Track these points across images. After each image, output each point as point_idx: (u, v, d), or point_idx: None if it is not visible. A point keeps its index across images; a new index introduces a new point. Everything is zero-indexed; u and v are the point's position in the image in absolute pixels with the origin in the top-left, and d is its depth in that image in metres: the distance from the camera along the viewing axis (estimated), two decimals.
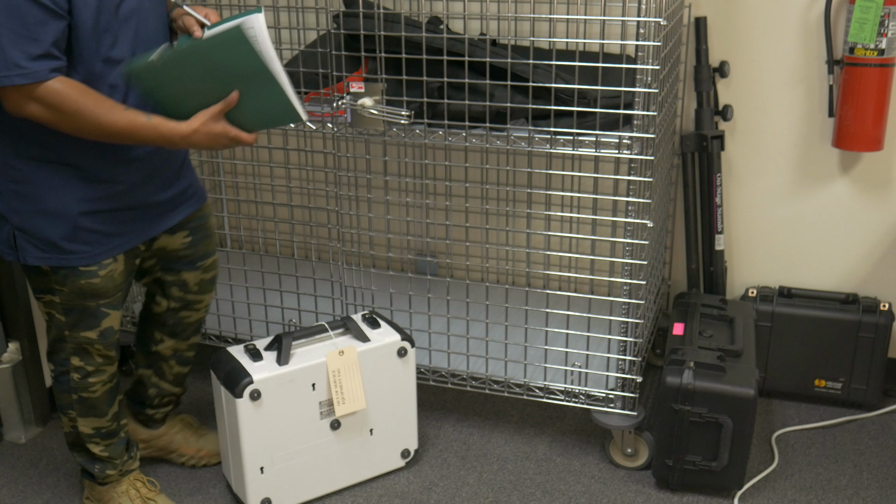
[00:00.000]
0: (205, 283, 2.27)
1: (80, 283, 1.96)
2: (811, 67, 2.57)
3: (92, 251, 1.95)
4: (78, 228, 1.92)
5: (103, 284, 1.99)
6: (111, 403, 2.16)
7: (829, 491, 2.35)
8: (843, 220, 2.68)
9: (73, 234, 1.92)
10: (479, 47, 2.24)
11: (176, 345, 2.32)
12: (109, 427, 2.18)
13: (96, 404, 2.13)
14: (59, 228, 1.91)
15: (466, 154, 2.80)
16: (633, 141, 2.12)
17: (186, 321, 2.30)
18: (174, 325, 2.29)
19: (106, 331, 2.05)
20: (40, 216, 1.90)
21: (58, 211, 1.90)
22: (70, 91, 1.73)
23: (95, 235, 1.95)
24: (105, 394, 2.13)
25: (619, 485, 2.38)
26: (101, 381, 2.11)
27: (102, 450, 2.19)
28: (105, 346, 2.07)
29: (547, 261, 2.90)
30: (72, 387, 2.10)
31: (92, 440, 2.17)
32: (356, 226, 3.05)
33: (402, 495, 2.35)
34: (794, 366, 2.68)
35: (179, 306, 2.26)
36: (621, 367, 2.34)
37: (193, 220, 2.18)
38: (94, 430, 2.16)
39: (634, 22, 2.03)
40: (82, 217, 1.91)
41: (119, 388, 2.19)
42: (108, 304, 2.02)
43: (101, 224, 1.95)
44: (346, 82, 2.29)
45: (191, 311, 2.28)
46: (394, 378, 2.32)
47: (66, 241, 1.92)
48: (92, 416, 2.14)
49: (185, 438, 2.46)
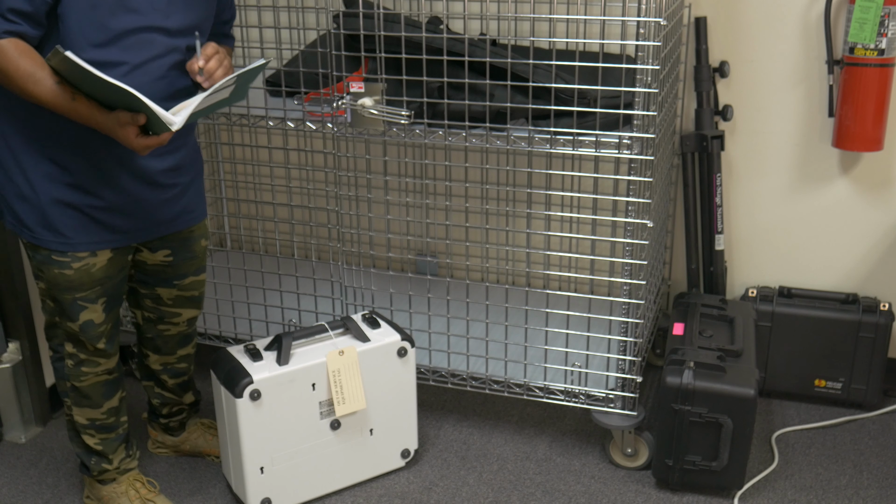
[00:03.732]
0: (182, 300, 2.23)
1: (53, 271, 1.96)
2: (811, 67, 2.57)
3: (62, 241, 1.94)
4: (46, 216, 1.92)
5: (77, 277, 1.97)
6: (107, 396, 2.16)
7: (829, 491, 2.35)
8: (843, 220, 2.68)
9: (43, 221, 1.92)
10: (479, 47, 2.24)
11: (163, 359, 2.32)
12: (105, 420, 2.17)
13: (89, 394, 2.13)
14: (30, 212, 1.92)
15: (466, 154, 2.80)
16: (633, 141, 2.12)
17: (166, 334, 2.28)
18: (154, 338, 2.28)
19: (85, 324, 2.03)
20: (15, 197, 1.92)
21: (28, 195, 1.91)
22: (11, 53, 1.72)
23: (67, 227, 1.93)
24: (98, 385, 2.13)
25: (619, 485, 2.38)
26: (95, 373, 2.11)
27: (97, 443, 2.19)
28: (88, 339, 2.05)
29: (547, 261, 2.90)
30: (66, 374, 2.11)
31: (87, 431, 2.17)
32: (356, 226, 3.05)
33: (402, 495, 2.35)
34: (794, 366, 2.68)
35: (155, 318, 2.25)
36: (621, 367, 2.34)
37: (177, 240, 2.14)
38: (88, 421, 2.16)
39: (634, 22, 2.03)
40: (51, 206, 1.91)
41: (119, 384, 2.19)
42: (84, 298, 2.01)
43: (72, 218, 1.93)
44: (346, 82, 2.29)
45: (168, 325, 2.26)
46: (394, 378, 2.32)
47: (37, 226, 1.93)
48: (86, 406, 2.14)
49: (207, 441, 2.48)
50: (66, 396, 2.16)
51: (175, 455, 2.51)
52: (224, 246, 3.21)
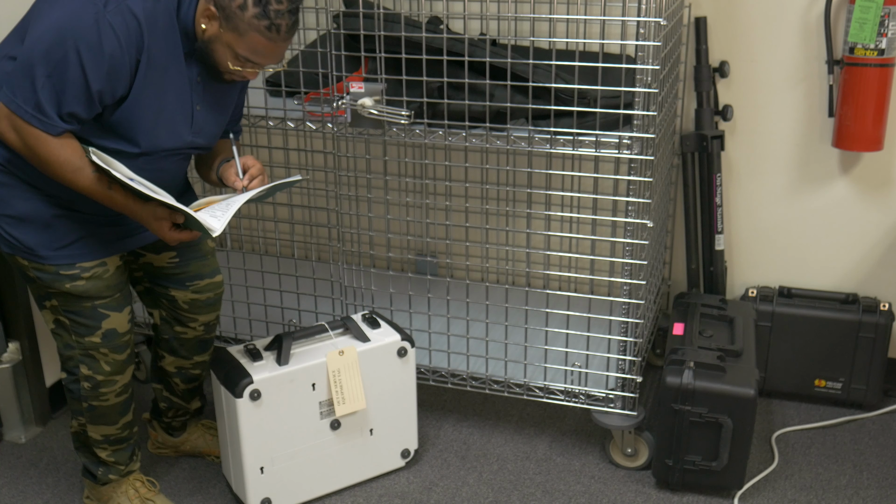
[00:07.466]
0: (198, 304, 2.23)
1: (65, 285, 1.96)
2: (811, 67, 2.57)
3: (67, 254, 1.95)
4: (51, 230, 1.93)
5: (92, 285, 1.98)
6: (123, 413, 2.15)
7: (829, 491, 2.35)
8: (843, 220, 2.68)
9: (46, 239, 1.93)
10: (479, 47, 2.24)
11: (178, 362, 2.31)
12: (119, 435, 2.18)
13: (107, 413, 2.12)
14: (31, 233, 1.92)
15: (466, 154, 2.80)
16: (633, 141, 2.12)
17: (183, 337, 2.27)
18: (170, 340, 2.28)
19: (108, 333, 2.03)
20: (12, 222, 1.93)
21: (27, 216, 1.92)
22: (58, 146, 1.79)
23: (72, 240, 1.95)
24: (117, 404, 2.12)
25: (619, 485, 2.38)
26: (114, 392, 2.10)
27: (109, 455, 2.19)
28: (111, 349, 2.04)
29: (547, 261, 2.90)
30: (83, 395, 2.09)
31: (100, 446, 2.17)
32: (356, 226, 3.05)
33: (402, 495, 2.35)
34: (794, 366, 2.68)
35: (172, 320, 2.25)
36: (621, 367, 2.34)
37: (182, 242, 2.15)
38: (102, 437, 2.16)
39: (634, 22, 2.03)
40: (55, 220, 1.93)
41: (133, 397, 2.18)
42: (104, 305, 2.01)
43: (75, 232, 1.95)
44: (346, 82, 2.29)
45: (186, 328, 2.26)
46: (394, 378, 2.32)
47: (40, 247, 1.93)
48: (102, 423, 2.14)
49: (207, 441, 2.48)
50: (80, 415, 2.14)
51: (175, 455, 2.51)
52: (224, 246, 3.21)
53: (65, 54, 1.70)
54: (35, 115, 1.75)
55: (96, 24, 1.70)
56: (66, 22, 1.71)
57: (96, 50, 1.71)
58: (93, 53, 1.71)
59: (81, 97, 1.74)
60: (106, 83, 1.74)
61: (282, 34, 1.78)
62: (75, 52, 1.70)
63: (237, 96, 2.09)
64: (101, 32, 1.71)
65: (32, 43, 1.73)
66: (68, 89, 1.73)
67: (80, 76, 1.72)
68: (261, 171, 2.03)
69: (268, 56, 1.82)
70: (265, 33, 1.76)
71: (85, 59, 1.71)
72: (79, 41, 1.70)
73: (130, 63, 1.76)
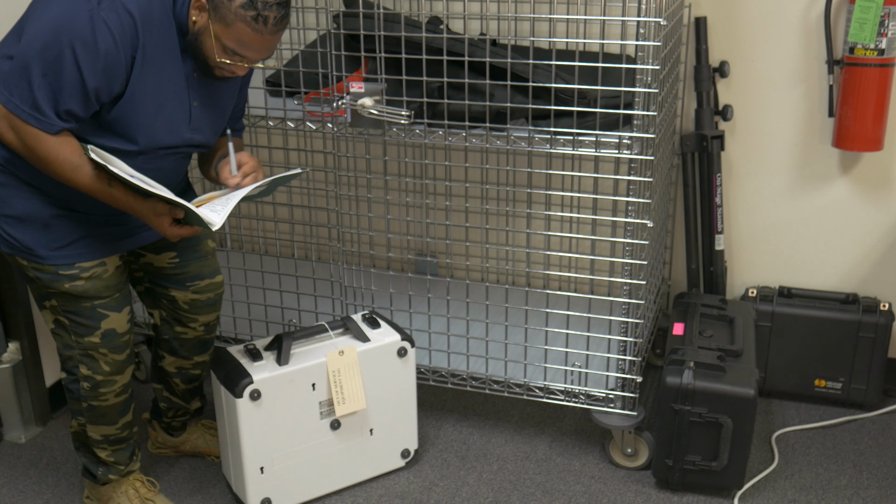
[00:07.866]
0: (198, 304, 2.23)
1: (64, 285, 1.96)
2: (811, 67, 2.57)
3: (66, 254, 1.95)
4: (50, 230, 1.93)
5: (91, 285, 1.98)
6: (123, 413, 2.15)
7: (829, 491, 2.35)
8: (843, 220, 2.68)
9: (44, 239, 1.93)
10: (479, 47, 2.24)
11: (178, 362, 2.31)
12: (119, 435, 2.17)
13: (107, 413, 2.12)
14: (30, 233, 1.92)
15: (466, 154, 2.80)
16: (633, 141, 2.12)
17: (184, 337, 2.27)
18: (170, 340, 2.28)
19: (108, 333, 2.03)
20: (11, 222, 1.93)
21: (25, 216, 1.92)
22: (56, 145, 1.79)
23: (71, 239, 1.95)
24: (117, 404, 2.12)
25: (619, 485, 2.38)
26: (114, 392, 2.10)
27: (109, 455, 2.19)
28: (111, 349, 2.04)
29: (547, 261, 2.90)
30: (83, 395, 2.09)
31: (100, 446, 2.17)
32: (356, 226, 3.05)
33: (402, 495, 2.35)
34: (794, 366, 2.68)
35: (172, 320, 2.25)
36: (621, 367, 2.34)
37: (182, 241, 2.15)
38: (102, 437, 2.16)
39: (634, 22, 2.03)
40: (54, 220, 1.93)
41: (133, 396, 2.18)
42: (104, 306, 2.01)
43: (75, 231, 1.95)
44: (346, 82, 2.29)
45: (186, 328, 2.25)
46: (394, 378, 2.32)
47: (39, 247, 1.93)
48: (102, 423, 2.13)
49: (207, 442, 2.48)
50: (79, 415, 2.13)
51: (175, 455, 2.51)
52: (224, 246, 3.21)
53: (60, 52, 1.70)
54: (32, 113, 1.75)
55: (91, 21, 1.70)
56: (60, 20, 1.71)
57: (91, 47, 1.71)
58: (88, 51, 1.71)
59: (78, 95, 1.74)
60: (102, 80, 1.74)
61: (269, 26, 1.77)
62: (70, 50, 1.70)
63: (237, 95, 2.09)
64: (95, 29, 1.70)
65: (28, 42, 1.73)
66: (64, 87, 1.73)
67: (75, 74, 1.72)
68: (254, 167, 2.03)
69: (255, 49, 1.81)
70: (252, 24, 1.75)
71: (80, 57, 1.71)
72: (74, 39, 1.70)
73: (126, 60, 1.76)
